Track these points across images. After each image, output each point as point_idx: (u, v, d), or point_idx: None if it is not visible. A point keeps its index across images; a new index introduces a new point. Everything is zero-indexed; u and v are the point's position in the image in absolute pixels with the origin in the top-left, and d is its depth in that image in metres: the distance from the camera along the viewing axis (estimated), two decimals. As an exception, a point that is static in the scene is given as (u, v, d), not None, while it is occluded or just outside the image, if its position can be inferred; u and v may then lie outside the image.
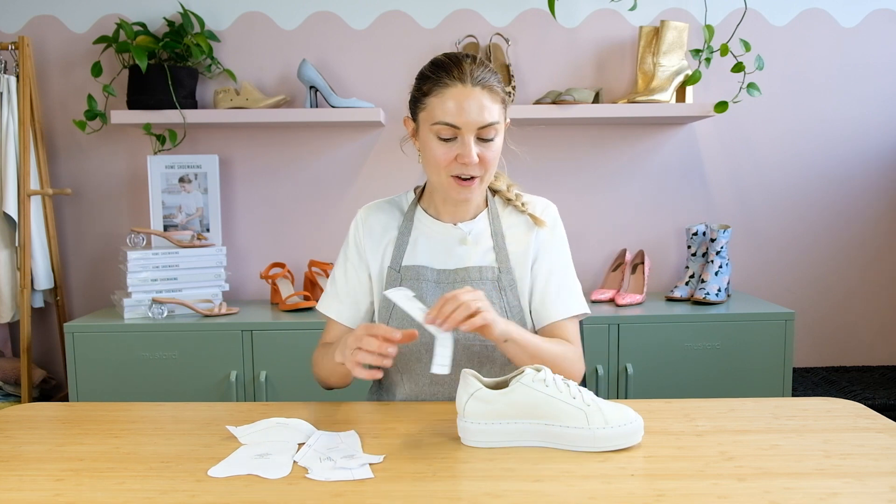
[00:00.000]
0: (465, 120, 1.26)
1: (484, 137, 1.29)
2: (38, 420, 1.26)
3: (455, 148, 1.28)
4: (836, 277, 2.56)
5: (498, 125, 1.30)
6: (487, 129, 1.28)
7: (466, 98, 1.26)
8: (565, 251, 1.43)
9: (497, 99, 1.30)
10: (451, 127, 1.27)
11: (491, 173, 1.33)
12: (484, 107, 1.27)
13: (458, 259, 1.39)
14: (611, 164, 2.52)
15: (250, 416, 1.22)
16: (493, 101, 1.29)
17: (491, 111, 1.28)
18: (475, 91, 1.27)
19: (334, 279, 1.44)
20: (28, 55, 2.31)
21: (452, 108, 1.26)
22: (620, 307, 2.29)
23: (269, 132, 2.51)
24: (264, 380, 2.14)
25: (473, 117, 1.26)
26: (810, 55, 2.48)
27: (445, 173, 1.31)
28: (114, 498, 0.93)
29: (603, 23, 2.47)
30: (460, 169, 1.29)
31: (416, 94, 1.33)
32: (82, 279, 2.56)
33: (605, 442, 1.06)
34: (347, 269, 1.43)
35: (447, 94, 1.27)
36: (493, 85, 1.29)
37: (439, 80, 1.28)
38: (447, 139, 1.28)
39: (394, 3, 2.45)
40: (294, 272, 2.53)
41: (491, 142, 1.30)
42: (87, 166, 2.51)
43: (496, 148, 1.31)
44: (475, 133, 1.28)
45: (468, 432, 1.09)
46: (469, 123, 1.26)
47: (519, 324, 1.37)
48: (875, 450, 1.06)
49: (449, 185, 1.32)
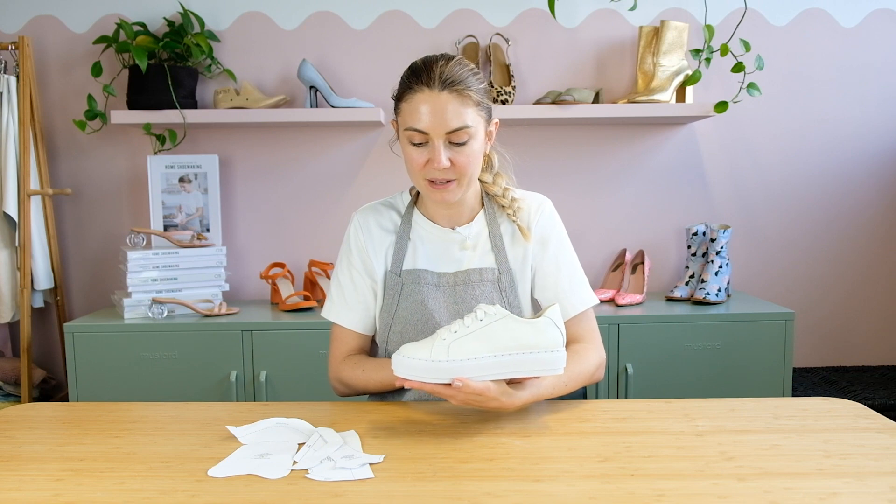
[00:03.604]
0: (431, 125, 1.25)
1: (455, 142, 1.27)
2: (38, 420, 1.26)
3: (426, 152, 1.28)
4: (836, 277, 2.56)
5: (471, 129, 1.27)
6: (457, 134, 1.26)
7: (433, 103, 1.25)
8: (567, 245, 1.43)
9: (469, 102, 1.26)
10: (420, 132, 1.27)
11: (469, 176, 1.31)
12: (451, 112, 1.25)
13: (457, 262, 1.39)
14: (611, 164, 2.52)
15: (250, 416, 1.22)
16: (464, 105, 1.26)
17: (460, 115, 1.25)
18: (442, 96, 1.25)
19: (341, 285, 1.42)
20: (28, 55, 2.31)
21: (419, 113, 1.26)
22: (620, 307, 2.29)
23: (269, 132, 2.51)
24: (264, 380, 2.14)
25: (439, 123, 1.25)
26: (810, 55, 2.48)
27: (421, 177, 1.31)
28: (114, 498, 0.93)
29: (603, 23, 2.47)
30: (433, 173, 1.29)
31: (394, 98, 1.34)
32: (82, 279, 2.56)
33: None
34: (353, 274, 1.42)
35: (415, 100, 1.27)
36: (463, 88, 1.26)
37: (409, 86, 1.28)
38: (419, 144, 1.28)
39: (394, 3, 2.45)
40: (294, 272, 2.53)
41: (463, 146, 1.27)
42: (87, 166, 2.51)
43: (470, 152, 1.28)
44: (445, 138, 1.26)
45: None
46: (436, 129, 1.25)
47: None
48: (875, 450, 1.06)
49: (425, 189, 1.33)
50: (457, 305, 1.36)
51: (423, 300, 1.36)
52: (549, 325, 1.15)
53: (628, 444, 1.09)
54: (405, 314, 1.37)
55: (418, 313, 1.36)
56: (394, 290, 1.38)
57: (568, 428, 1.17)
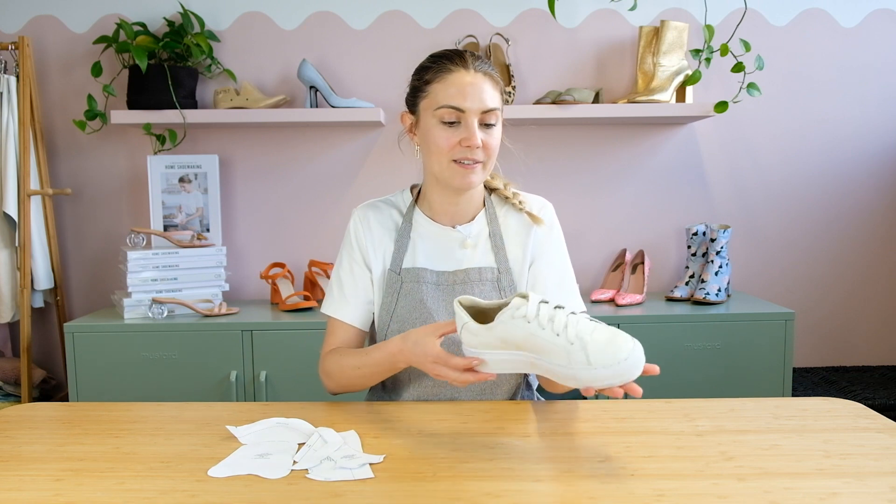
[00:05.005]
0: (469, 103, 1.29)
1: (486, 122, 1.31)
2: (38, 420, 1.26)
3: (458, 132, 1.30)
4: (836, 277, 2.56)
5: (499, 112, 1.33)
6: (490, 115, 1.30)
7: (470, 82, 1.29)
8: (564, 251, 1.44)
9: (497, 88, 1.33)
10: (456, 110, 1.29)
11: (492, 161, 1.35)
12: (487, 92, 1.30)
13: (458, 261, 1.39)
14: (611, 164, 2.52)
15: (250, 416, 1.22)
16: (494, 89, 1.32)
17: (493, 97, 1.31)
18: (478, 76, 1.30)
19: (340, 281, 1.42)
20: (28, 55, 2.31)
21: (456, 92, 1.29)
22: (620, 307, 2.29)
23: (269, 132, 2.51)
24: (264, 380, 2.14)
25: (477, 100, 1.29)
26: (810, 55, 2.48)
27: (448, 158, 1.31)
28: (114, 498, 0.93)
29: (603, 23, 2.47)
30: (463, 152, 1.30)
31: (418, 83, 1.35)
32: (82, 279, 2.56)
33: (590, 382, 0.99)
34: (354, 269, 1.41)
35: (450, 80, 1.30)
36: (494, 74, 1.33)
37: (443, 67, 1.31)
38: (451, 123, 1.30)
39: (394, 3, 2.46)
40: (294, 272, 2.53)
41: (493, 127, 1.32)
42: (87, 166, 2.51)
43: (497, 135, 1.34)
44: (478, 117, 1.30)
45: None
46: (472, 106, 1.29)
47: None
48: (875, 450, 1.06)
49: (451, 171, 1.33)
50: (456, 304, 1.37)
51: (422, 299, 1.36)
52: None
53: (628, 444, 1.09)
54: (404, 312, 1.37)
55: (416, 312, 1.36)
56: (393, 288, 1.38)
57: (568, 428, 1.17)
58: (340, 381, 1.37)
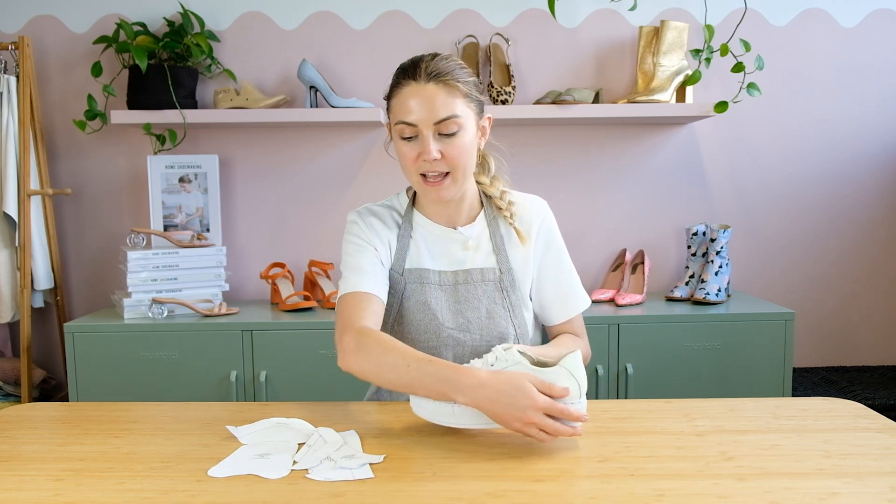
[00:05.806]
0: (418, 116, 1.26)
1: (444, 133, 1.27)
2: (38, 420, 1.26)
3: (416, 146, 1.28)
4: (836, 277, 2.56)
5: (459, 119, 1.27)
6: (446, 124, 1.26)
7: (419, 94, 1.26)
8: (563, 247, 1.44)
9: (456, 93, 1.27)
10: (409, 125, 1.27)
11: (462, 170, 1.30)
12: (438, 102, 1.25)
13: (459, 262, 1.39)
14: (611, 164, 2.52)
15: (250, 416, 1.22)
16: (451, 96, 1.26)
17: (447, 105, 1.26)
18: (428, 87, 1.26)
19: (356, 264, 1.34)
20: (28, 55, 2.31)
21: (407, 105, 1.27)
22: (620, 307, 2.29)
23: (268, 132, 2.51)
24: (264, 380, 2.14)
25: (426, 113, 1.25)
26: (810, 55, 2.48)
27: (414, 172, 1.30)
28: (114, 498, 0.93)
29: (603, 23, 2.47)
30: (425, 167, 1.28)
31: (386, 98, 1.35)
32: (82, 279, 2.56)
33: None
34: (366, 251, 1.36)
35: (403, 94, 1.28)
36: (450, 79, 1.26)
37: (397, 82, 1.30)
38: (409, 138, 1.29)
39: (394, 3, 2.45)
40: (294, 272, 2.53)
41: (453, 136, 1.27)
42: (87, 166, 2.51)
43: (461, 144, 1.28)
44: (433, 129, 1.27)
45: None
46: (423, 119, 1.26)
47: (519, 321, 1.38)
48: (875, 450, 1.06)
49: (419, 186, 1.32)
50: (458, 305, 1.36)
51: (425, 300, 1.36)
52: (565, 377, 1.08)
53: (628, 444, 1.09)
54: (408, 314, 1.36)
55: (421, 313, 1.36)
56: (396, 289, 1.38)
57: (568, 428, 1.17)
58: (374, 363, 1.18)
